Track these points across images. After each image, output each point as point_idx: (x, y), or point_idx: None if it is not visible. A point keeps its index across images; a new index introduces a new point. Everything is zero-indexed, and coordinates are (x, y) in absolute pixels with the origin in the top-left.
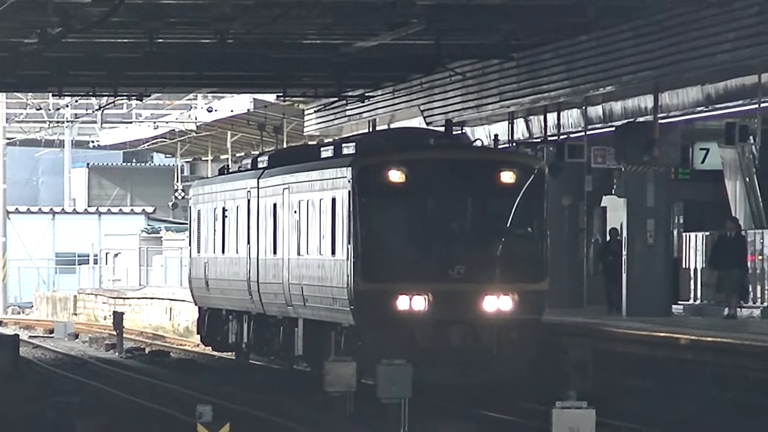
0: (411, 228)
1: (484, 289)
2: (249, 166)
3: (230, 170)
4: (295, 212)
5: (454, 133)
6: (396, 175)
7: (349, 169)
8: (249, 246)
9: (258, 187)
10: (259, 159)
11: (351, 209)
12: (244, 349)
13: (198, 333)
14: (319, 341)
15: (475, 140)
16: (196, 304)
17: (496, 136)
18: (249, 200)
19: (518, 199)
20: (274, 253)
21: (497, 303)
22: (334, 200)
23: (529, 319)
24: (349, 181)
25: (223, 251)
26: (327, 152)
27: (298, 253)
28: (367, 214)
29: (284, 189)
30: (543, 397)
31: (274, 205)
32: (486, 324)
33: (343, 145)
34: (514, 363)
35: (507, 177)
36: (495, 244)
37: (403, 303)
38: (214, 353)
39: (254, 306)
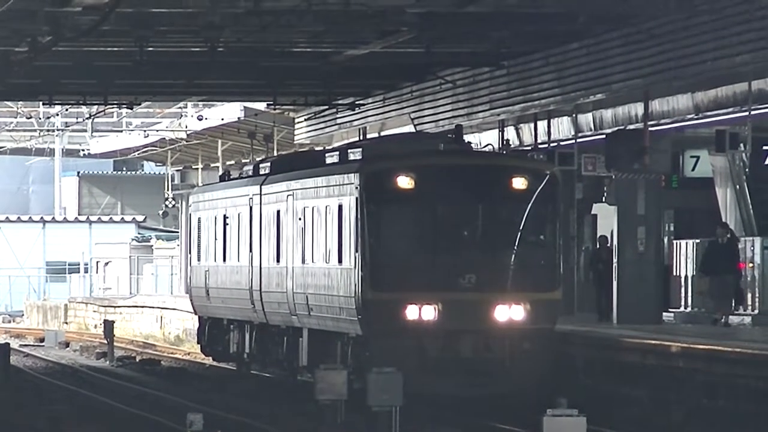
0: (420, 235)
1: (496, 298)
2: (250, 173)
3: (231, 177)
4: (300, 219)
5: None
6: (405, 181)
7: (357, 175)
8: (251, 254)
9: (260, 194)
10: (260, 165)
11: (358, 216)
12: (245, 360)
13: (198, 343)
14: (325, 351)
15: (486, 146)
16: (195, 313)
17: (507, 140)
18: (251, 207)
19: (530, 205)
20: (278, 261)
21: (509, 313)
22: (340, 207)
23: (542, 329)
24: (356, 188)
25: (224, 259)
26: (332, 158)
27: (303, 262)
28: (375, 221)
29: (288, 196)
30: (536, 404)
31: (278, 212)
32: (498, 334)
33: (349, 150)
34: (527, 374)
35: (519, 183)
36: (507, 252)
37: (412, 313)
38: (205, 362)
39: (256, 315)
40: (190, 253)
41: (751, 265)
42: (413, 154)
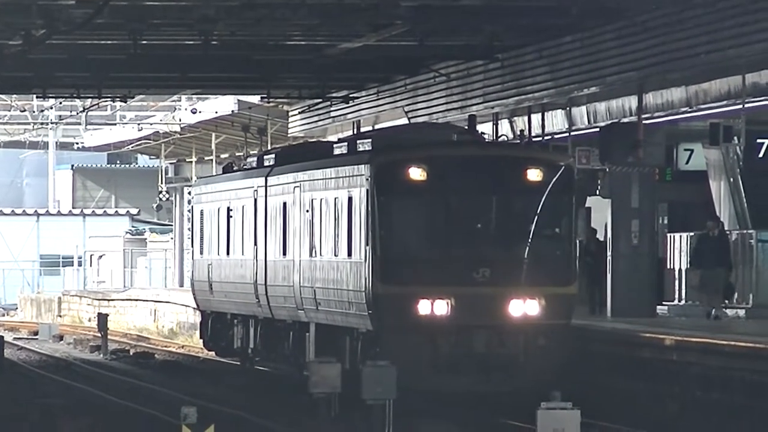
0: (432, 228)
1: (510, 292)
2: (254, 164)
3: (234, 168)
4: (308, 211)
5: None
6: (417, 173)
7: (368, 166)
8: (256, 247)
9: (266, 186)
10: (265, 157)
11: (369, 208)
12: (250, 355)
13: (201, 338)
14: (333, 347)
15: (500, 136)
16: (198, 308)
17: (521, 131)
18: (256, 199)
19: (545, 197)
20: (284, 254)
21: (523, 307)
22: (350, 199)
23: (557, 324)
24: (367, 179)
25: (227, 252)
26: (340, 149)
27: (311, 255)
28: (387, 213)
29: (295, 187)
30: (530, 398)
31: (284, 204)
32: (512, 329)
33: (358, 141)
34: (542, 370)
35: (533, 174)
36: (521, 246)
37: (424, 307)
38: (199, 355)
39: (261, 310)
40: (192, 246)
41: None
42: (425, 144)
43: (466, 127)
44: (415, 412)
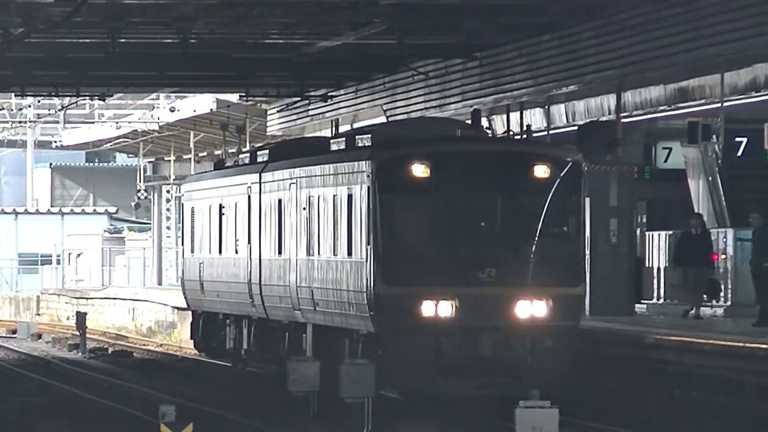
0: (436, 227)
1: (517, 293)
2: (247, 160)
3: (226, 165)
4: (305, 209)
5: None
6: (420, 169)
7: (369, 162)
8: (250, 245)
9: (260, 182)
10: (258, 153)
11: (370, 206)
12: (243, 356)
13: (191, 338)
14: (331, 348)
15: (506, 131)
16: (188, 308)
17: (528, 126)
18: (249, 196)
19: (553, 195)
20: (279, 253)
21: (530, 308)
22: (350, 196)
23: (565, 325)
24: (368, 176)
25: (220, 251)
26: (338, 144)
27: (308, 254)
28: (389, 211)
29: (291, 184)
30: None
31: (279, 201)
32: (518, 331)
33: (357, 136)
34: (549, 373)
35: (541, 171)
36: (528, 245)
37: (428, 308)
38: (177, 353)
39: (255, 310)
40: (182, 244)
41: (723, 256)
42: (429, 140)
43: (469, 122)
44: (395, 411)
